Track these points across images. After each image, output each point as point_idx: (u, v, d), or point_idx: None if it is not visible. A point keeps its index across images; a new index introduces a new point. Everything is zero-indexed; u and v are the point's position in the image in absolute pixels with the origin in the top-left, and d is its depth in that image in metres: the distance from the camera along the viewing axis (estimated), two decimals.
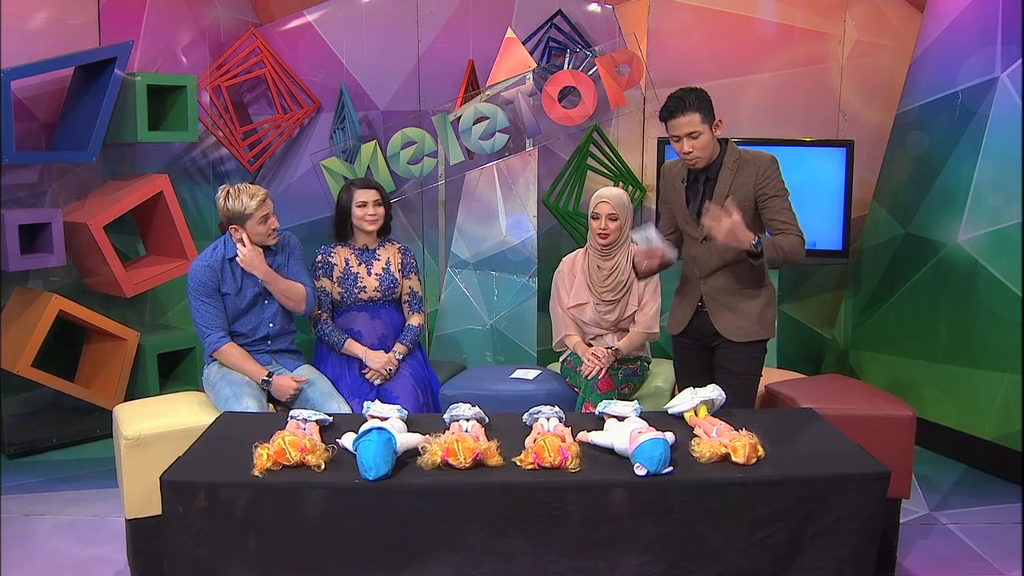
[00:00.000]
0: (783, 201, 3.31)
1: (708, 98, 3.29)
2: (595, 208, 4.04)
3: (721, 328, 3.43)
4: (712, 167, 3.35)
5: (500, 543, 2.51)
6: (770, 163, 3.33)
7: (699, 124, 3.24)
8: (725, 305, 3.43)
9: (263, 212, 3.69)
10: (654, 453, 2.53)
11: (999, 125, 4.42)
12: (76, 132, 4.82)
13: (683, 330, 3.57)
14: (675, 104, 3.25)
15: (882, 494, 2.58)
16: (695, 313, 3.52)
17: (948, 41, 4.84)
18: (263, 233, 3.72)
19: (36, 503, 4.15)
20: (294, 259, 3.91)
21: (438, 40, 5.63)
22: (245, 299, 3.77)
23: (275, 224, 3.76)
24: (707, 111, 3.26)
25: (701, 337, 3.52)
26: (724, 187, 3.32)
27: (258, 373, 3.69)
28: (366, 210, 4.02)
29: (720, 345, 3.47)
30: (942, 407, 4.69)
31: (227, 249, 3.75)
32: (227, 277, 3.74)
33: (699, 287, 3.48)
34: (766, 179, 3.30)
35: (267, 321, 3.83)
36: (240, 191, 3.69)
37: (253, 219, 3.68)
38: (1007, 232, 4.35)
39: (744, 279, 3.42)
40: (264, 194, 3.71)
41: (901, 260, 4.99)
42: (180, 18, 5.49)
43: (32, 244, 4.70)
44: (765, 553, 2.53)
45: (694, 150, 3.28)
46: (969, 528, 3.89)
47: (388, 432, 2.59)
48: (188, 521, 2.51)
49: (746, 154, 3.35)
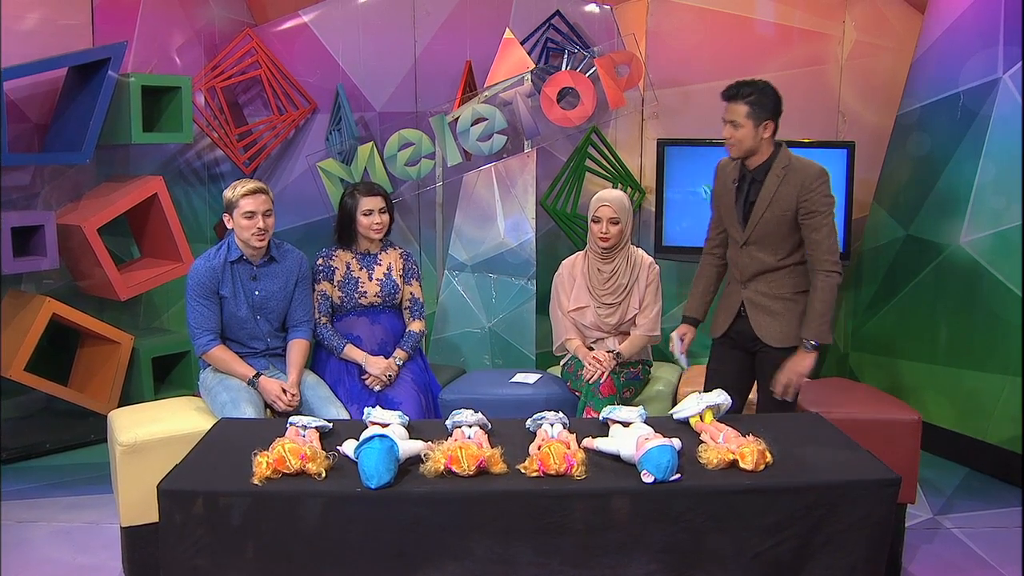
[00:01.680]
0: (824, 218, 3.27)
1: (770, 97, 3.28)
2: (596, 211, 4.00)
3: (761, 333, 3.41)
4: (760, 169, 3.34)
5: (505, 552, 2.47)
6: (817, 176, 3.28)
7: (743, 116, 3.26)
8: (766, 310, 3.41)
9: (248, 208, 3.60)
10: (661, 460, 2.49)
11: (1001, 126, 4.40)
12: (69, 133, 4.78)
13: (724, 333, 3.56)
14: (733, 89, 3.31)
15: (892, 500, 2.54)
16: (736, 317, 3.50)
17: (949, 42, 4.82)
18: (247, 229, 3.62)
19: (30, 509, 4.10)
20: (302, 289, 3.86)
21: (435, 41, 5.60)
22: (241, 308, 3.72)
23: (260, 224, 3.63)
24: (759, 108, 3.26)
25: (743, 341, 3.50)
26: (768, 193, 3.31)
27: (246, 373, 3.65)
28: (372, 219, 3.96)
29: (761, 350, 3.45)
30: (944, 410, 4.66)
31: (230, 252, 3.70)
32: (227, 280, 3.70)
33: (740, 292, 3.47)
34: (810, 192, 3.26)
35: (265, 336, 3.80)
36: (238, 182, 3.66)
37: (238, 209, 3.61)
38: (1009, 234, 4.33)
39: (785, 284, 3.40)
40: (254, 187, 3.63)
41: (902, 262, 4.96)
42: (174, 18, 5.46)
43: (25, 247, 4.65)
44: (774, 561, 2.49)
45: (731, 138, 3.31)
46: (973, 532, 3.87)
47: (390, 439, 2.55)
48: (186, 530, 2.46)
49: (797, 163, 3.32)
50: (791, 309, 3.38)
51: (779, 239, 3.34)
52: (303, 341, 3.85)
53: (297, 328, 3.87)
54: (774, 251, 3.36)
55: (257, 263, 3.75)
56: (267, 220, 3.66)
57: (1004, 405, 4.35)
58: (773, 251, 3.36)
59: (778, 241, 3.34)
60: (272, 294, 3.77)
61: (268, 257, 3.77)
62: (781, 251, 3.36)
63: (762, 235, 3.35)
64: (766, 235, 3.35)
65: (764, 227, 3.34)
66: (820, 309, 3.26)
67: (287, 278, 3.81)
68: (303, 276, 3.86)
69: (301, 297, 3.86)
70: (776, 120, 3.31)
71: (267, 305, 3.77)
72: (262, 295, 3.75)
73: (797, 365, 3.29)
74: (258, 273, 3.75)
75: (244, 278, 3.73)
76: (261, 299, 3.75)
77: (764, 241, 3.36)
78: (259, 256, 3.75)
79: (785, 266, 3.37)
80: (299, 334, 3.86)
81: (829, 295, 3.27)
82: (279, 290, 3.79)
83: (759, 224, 3.34)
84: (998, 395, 4.37)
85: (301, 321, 3.87)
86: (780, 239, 3.34)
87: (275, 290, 3.78)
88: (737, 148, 3.33)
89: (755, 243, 3.38)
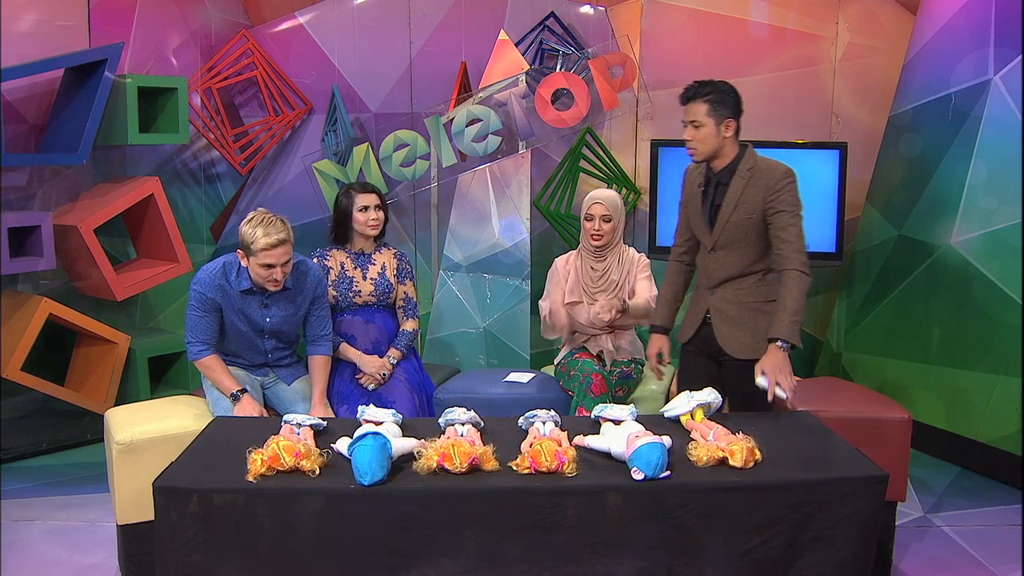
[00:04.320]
0: (791, 218, 3.17)
1: (729, 95, 3.21)
2: (588, 209, 4.02)
3: (724, 343, 3.32)
4: (726, 171, 3.27)
5: (497, 548, 2.49)
6: (783, 176, 3.19)
7: (703, 115, 3.19)
8: (731, 320, 3.32)
9: (266, 260, 3.36)
10: (651, 457, 2.51)
11: (992, 127, 4.43)
12: (66, 134, 4.79)
13: (690, 339, 3.49)
14: (691, 90, 3.24)
15: (880, 497, 2.57)
16: (702, 324, 3.41)
17: (941, 43, 4.85)
18: (263, 277, 3.43)
19: (26, 508, 4.11)
20: (319, 307, 3.73)
21: (430, 42, 5.62)
22: (248, 332, 3.61)
23: (278, 275, 3.42)
24: (719, 106, 3.19)
25: (708, 349, 3.41)
26: (734, 195, 3.24)
27: (230, 387, 3.50)
28: (368, 215, 3.98)
29: (726, 361, 3.35)
30: (936, 409, 4.69)
31: (240, 280, 3.52)
32: (234, 303, 3.55)
33: (707, 298, 3.39)
34: (776, 192, 3.17)
35: (267, 352, 3.71)
36: (263, 221, 3.37)
37: (255, 258, 3.38)
38: (1000, 234, 4.35)
39: (752, 293, 3.31)
40: (276, 240, 3.34)
41: (894, 262, 4.99)
42: (171, 20, 5.47)
43: (22, 247, 4.66)
44: (763, 558, 2.52)
45: (693, 139, 3.24)
46: (964, 531, 3.90)
47: (383, 437, 2.57)
48: (181, 527, 2.48)
49: (762, 163, 3.24)
50: (757, 320, 3.26)
51: (747, 244, 3.26)
52: (325, 358, 3.75)
53: (317, 344, 3.76)
54: (742, 256, 3.28)
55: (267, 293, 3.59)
56: (285, 269, 3.45)
57: (995, 404, 4.38)
58: (741, 256, 3.28)
59: (746, 246, 3.26)
60: (283, 319, 3.64)
61: (283, 288, 3.57)
62: (749, 256, 3.28)
63: (730, 239, 3.27)
64: (734, 239, 3.26)
65: (731, 231, 3.26)
66: (792, 307, 3.11)
67: (300, 301, 3.66)
68: (319, 296, 3.72)
69: (319, 312, 3.74)
70: (737, 119, 3.22)
71: (279, 330, 3.66)
72: (273, 321, 3.62)
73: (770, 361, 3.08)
74: (269, 302, 3.60)
75: (254, 305, 3.58)
76: (272, 324, 3.63)
77: (732, 246, 3.27)
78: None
79: (753, 272, 3.29)
80: (320, 350, 3.75)
81: (800, 294, 3.12)
82: (291, 314, 3.66)
83: (726, 228, 3.26)
84: (989, 394, 4.40)
85: (320, 335, 3.76)
86: (748, 244, 3.26)
87: (287, 315, 3.64)
88: (700, 150, 3.25)
89: (723, 248, 3.29)
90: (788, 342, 3.10)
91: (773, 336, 3.12)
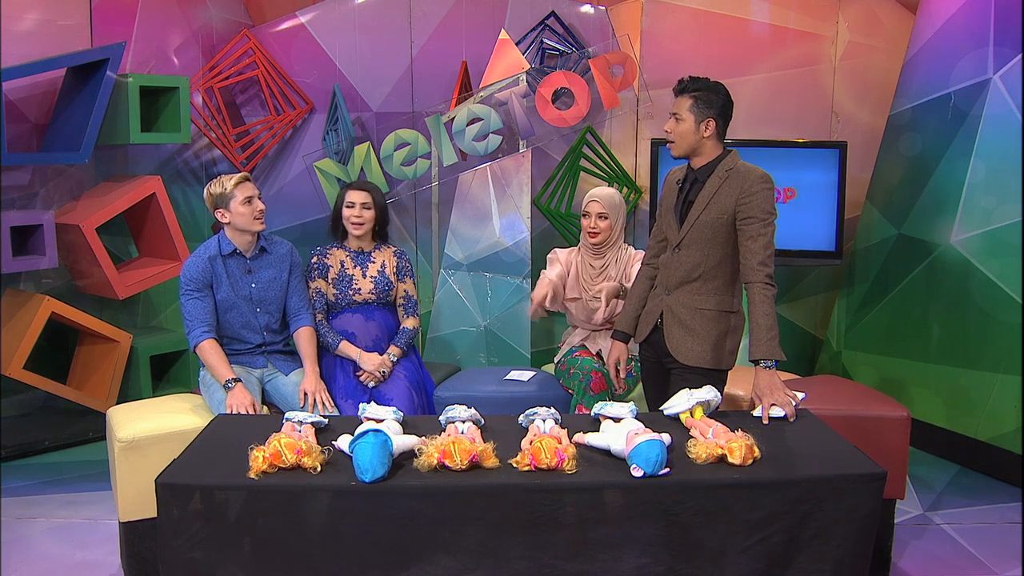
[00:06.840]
0: (762, 227, 3.09)
1: (716, 96, 3.17)
2: (586, 206, 4.04)
3: (672, 347, 3.25)
4: (704, 170, 3.23)
5: (497, 545, 2.50)
6: (758, 180, 3.12)
7: (686, 110, 3.17)
8: (683, 325, 3.24)
9: (245, 193, 3.65)
10: (651, 454, 2.52)
11: (992, 126, 4.44)
12: (68, 133, 4.80)
13: (644, 339, 3.43)
14: (682, 83, 3.22)
15: (879, 495, 2.57)
16: (654, 328, 3.36)
17: (941, 42, 4.86)
18: (248, 215, 3.67)
19: (29, 506, 4.13)
20: (296, 278, 3.89)
21: (431, 41, 5.63)
22: (239, 303, 3.74)
23: (260, 207, 3.70)
24: (704, 104, 3.15)
25: (658, 354, 3.36)
26: (708, 194, 3.19)
27: (223, 376, 3.58)
28: (352, 211, 4.00)
29: (674, 368, 3.28)
30: (935, 408, 4.70)
31: (222, 246, 3.73)
32: (221, 277, 3.72)
33: (664, 299, 3.32)
34: (749, 195, 3.10)
35: (261, 329, 3.82)
36: (220, 178, 3.71)
37: (235, 200, 3.64)
38: (1000, 233, 4.37)
39: (708, 299, 3.23)
40: (242, 176, 3.71)
41: (894, 261, 5.00)
42: (172, 19, 5.48)
43: (24, 246, 4.68)
44: (762, 555, 2.52)
45: (671, 132, 3.21)
46: (963, 528, 3.91)
47: (384, 434, 2.58)
48: (183, 524, 2.49)
49: (742, 167, 3.19)
50: (708, 329, 3.21)
51: (713, 245, 3.18)
52: (309, 328, 3.88)
53: (298, 317, 3.89)
54: (706, 257, 3.20)
55: (250, 255, 3.77)
56: (262, 202, 3.74)
57: (994, 402, 4.39)
58: (705, 257, 3.20)
59: (712, 248, 3.19)
60: (268, 284, 3.79)
61: (259, 248, 3.80)
62: (712, 258, 3.19)
63: (696, 238, 3.20)
64: (701, 239, 3.19)
65: (700, 229, 3.19)
66: (765, 323, 3.04)
67: (280, 267, 3.83)
68: (295, 264, 3.89)
69: (296, 285, 3.89)
70: (720, 121, 3.17)
71: (265, 296, 3.79)
72: (259, 287, 3.78)
73: (762, 383, 3.05)
74: (252, 266, 3.78)
75: (239, 272, 3.75)
76: (258, 291, 3.77)
77: (697, 245, 3.20)
78: (252, 247, 3.77)
79: (711, 276, 3.22)
80: (303, 322, 3.89)
81: (770, 308, 3.05)
82: (274, 279, 3.81)
83: (695, 225, 3.20)
84: (989, 392, 4.41)
85: (300, 309, 3.90)
86: (714, 245, 3.18)
87: (270, 279, 3.80)
88: (677, 144, 3.22)
89: (687, 247, 3.22)
90: (772, 360, 3.05)
91: (755, 358, 3.07)
